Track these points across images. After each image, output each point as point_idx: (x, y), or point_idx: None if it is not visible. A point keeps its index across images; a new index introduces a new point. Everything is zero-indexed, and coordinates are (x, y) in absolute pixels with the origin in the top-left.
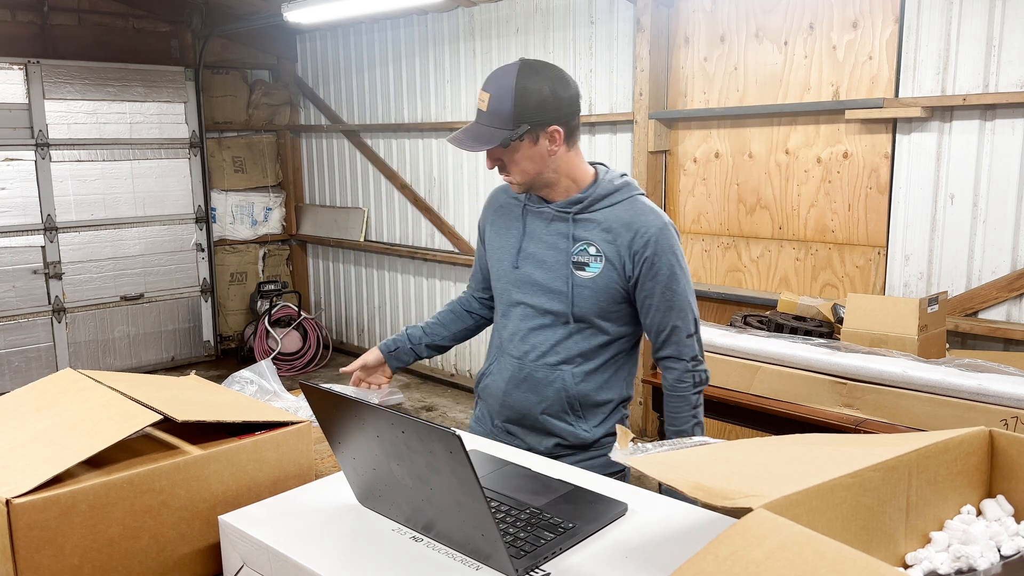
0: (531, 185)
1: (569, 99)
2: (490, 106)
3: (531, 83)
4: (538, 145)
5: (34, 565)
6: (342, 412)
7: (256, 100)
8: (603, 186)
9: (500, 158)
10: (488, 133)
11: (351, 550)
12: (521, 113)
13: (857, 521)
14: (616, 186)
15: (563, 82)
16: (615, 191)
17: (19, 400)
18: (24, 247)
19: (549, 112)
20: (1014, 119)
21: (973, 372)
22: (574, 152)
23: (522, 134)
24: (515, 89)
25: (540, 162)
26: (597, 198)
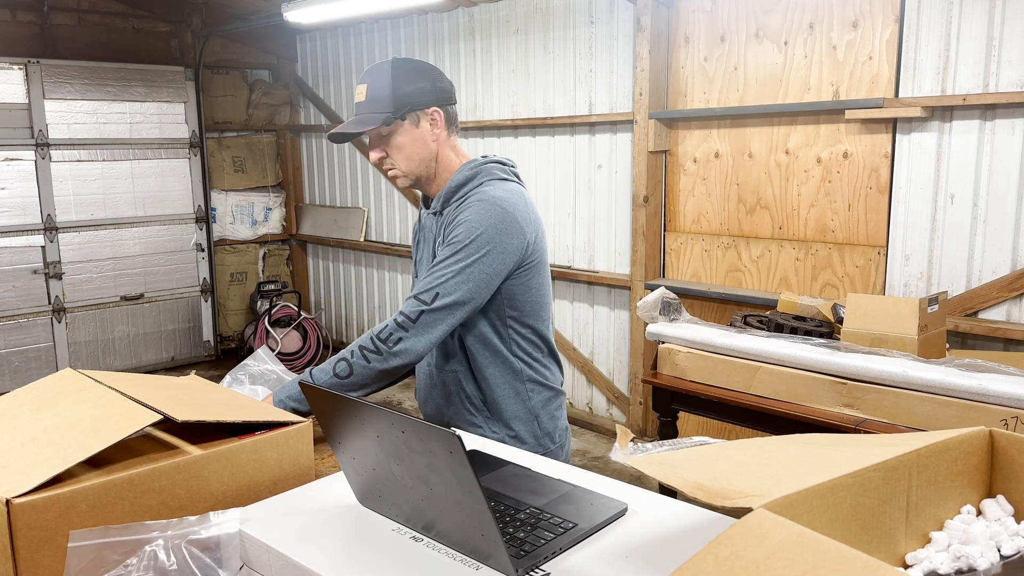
0: (416, 176)
1: (445, 87)
2: (368, 95)
3: (406, 72)
4: (420, 128)
5: (34, 565)
6: (342, 412)
7: (256, 100)
8: (457, 177)
9: (383, 148)
10: (369, 117)
11: (351, 550)
12: (400, 95)
13: (857, 521)
14: (468, 175)
15: (437, 75)
16: (468, 180)
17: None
18: (24, 247)
19: (428, 94)
20: (1014, 119)
21: (973, 372)
22: (453, 144)
23: (404, 113)
24: (392, 76)
25: (423, 147)
26: (452, 190)
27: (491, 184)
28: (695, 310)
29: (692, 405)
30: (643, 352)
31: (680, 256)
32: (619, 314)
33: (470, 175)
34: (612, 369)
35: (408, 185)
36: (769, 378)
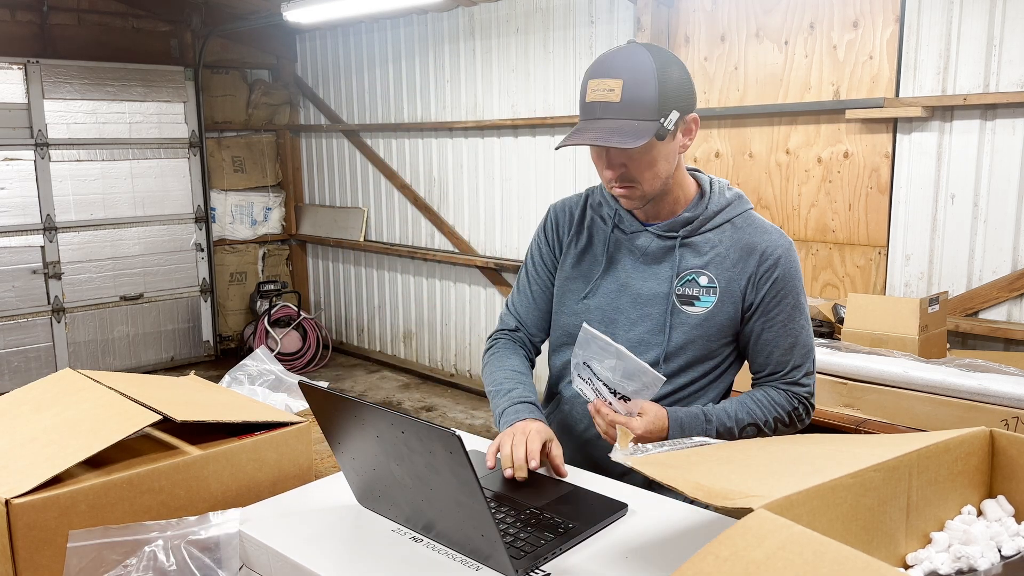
0: (653, 197)
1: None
2: (626, 95)
3: (670, 67)
4: (676, 140)
5: (34, 565)
6: (342, 412)
7: (256, 100)
8: (715, 200)
9: (626, 164)
10: (633, 127)
11: (351, 550)
12: (669, 98)
13: (857, 521)
14: (728, 200)
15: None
16: (727, 206)
17: (19, 400)
18: (23, 247)
19: (691, 98)
20: (1014, 119)
21: (974, 372)
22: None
23: (675, 122)
24: (657, 72)
25: (670, 161)
26: (710, 216)
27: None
28: None
29: None
30: None
31: None
32: None
33: (731, 200)
34: None
35: (637, 207)
36: None
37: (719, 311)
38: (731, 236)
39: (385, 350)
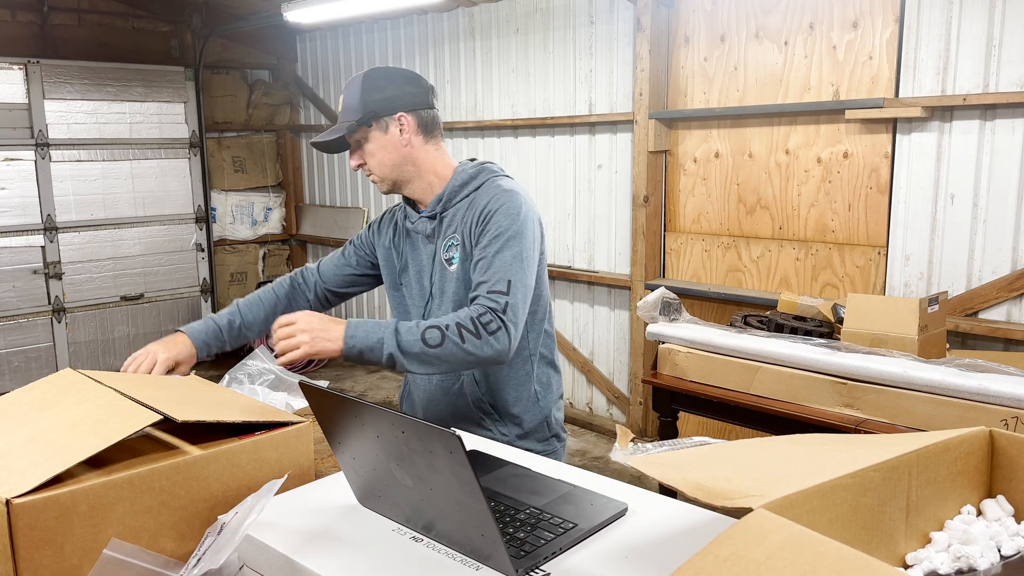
0: (393, 180)
1: (416, 92)
2: (343, 104)
3: (377, 80)
4: (388, 134)
5: (34, 565)
6: (342, 412)
7: (256, 100)
8: (458, 178)
9: (361, 156)
10: (340, 126)
11: (351, 550)
12: (367, 103)
13: (857, 521)
14: (470, 174)
15: (411, 78)
16: (470, 180)
17: (19, 400)
18: (24, 247)
19: (395, 100)
20: (1014, 119)
21: (973, 372)
22: (434, 147)
23: (368, 119)
24: (362, 84)
25: (395, 152)
26: (454, 190)
27: (499, 179)
28: (695, 310)
29: (692, 405)
30: (643, 352)
31: (680, 256)
32: (619, 314)
33: (473, 174)
34: (612, 369)
35: (386, 190)
36: (769, 378)
37: (464, 262)
38: (471, 201)
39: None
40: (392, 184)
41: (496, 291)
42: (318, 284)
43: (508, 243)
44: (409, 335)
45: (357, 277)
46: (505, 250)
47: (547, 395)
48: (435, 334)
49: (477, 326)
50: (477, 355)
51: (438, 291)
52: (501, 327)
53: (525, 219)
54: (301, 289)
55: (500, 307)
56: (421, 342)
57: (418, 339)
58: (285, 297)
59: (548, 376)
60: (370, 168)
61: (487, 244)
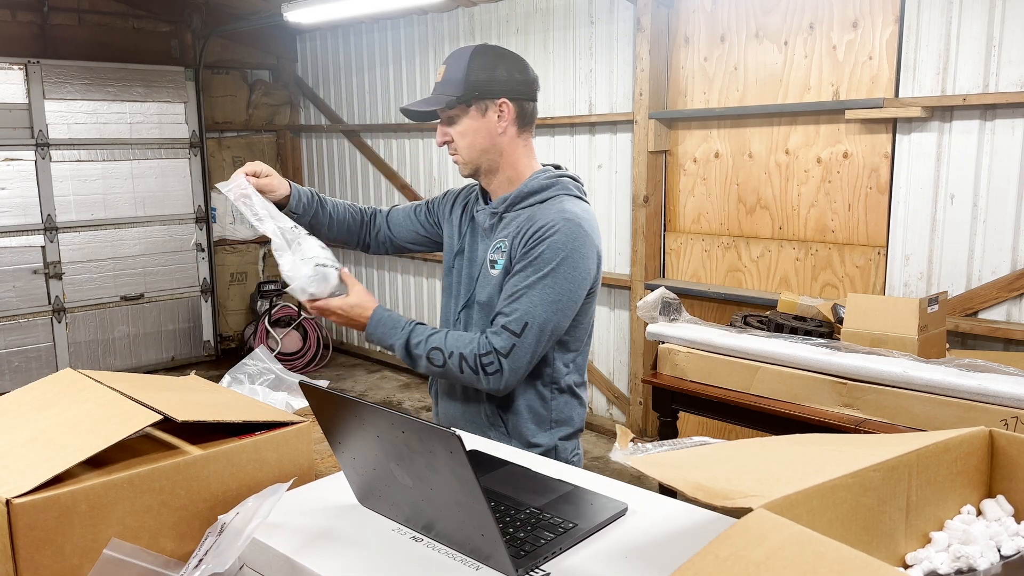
0: (477, 166)
1: (524, 81)
2: (444, 76)
3: (486, 58)
4: (486, 118)
5: (34, 565)
6: (342, 412)
7: (256, 100)
8: (531, 183)
9: (449, 132)
10: (436, 99)
11: (351, 550)
12: (471, 80)
13: (857, 521)
14: (544, 184)
15: (520, 65)
16: (543, 189)
17: (19, 400)
18: (24, 247)
19: (499, 84)
20: (1014, 119)
21: (973, 372)
22: (524, 142)
23: (469, 99)
24: (470, 59)
25: (487, 138)
26: (522, 195)
27: (570, 200)
28: (695, 310)
29: (692, 405)
30: (643, 352)
31: (680, 256)
32: (619, 314)
33: (546, 184)
34: (612, 369)
35: (467, 174)
36: (769, 378)
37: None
38: (532, 213)
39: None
40: (474, 169)
41: (510, 330)
42: (382, 230)
43: (544, 279)
44: (417, 349)
45: (420, 236)
46: (538, 287)
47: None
48: (438, 356)
49: (477, 364)
50: (472, 385)
51: (479, 292)
52: (499, 371)
53: (575, 254)
54: (368, 227)
55: (505, 349)
56: (425, 358)
57: (423, 355)
58: (358, 224)
59: (569, 408)
60: (457, 148)
61: (524, 271)
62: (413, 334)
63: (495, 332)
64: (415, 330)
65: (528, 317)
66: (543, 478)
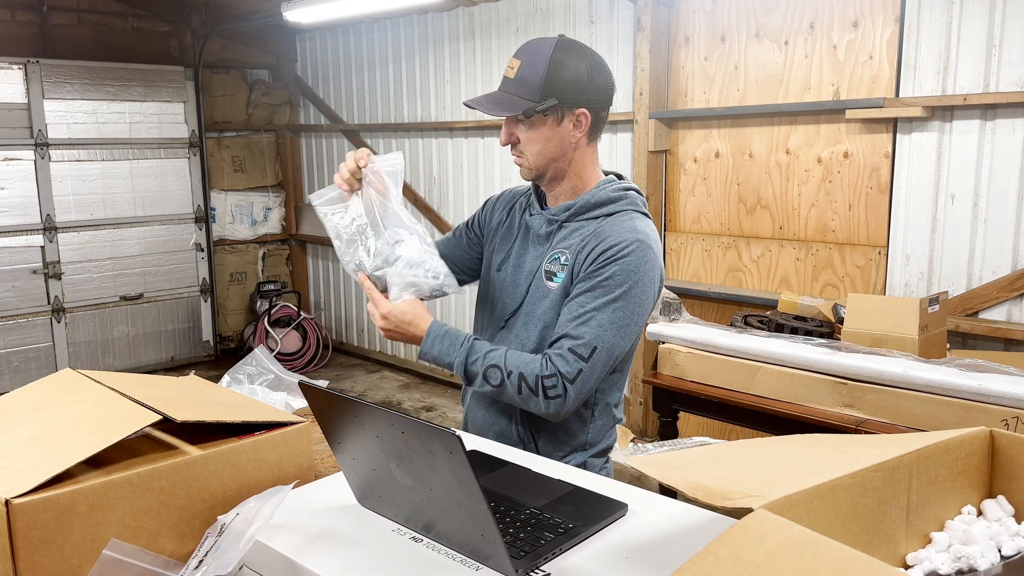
0: (542, 172)
1: (604, 86)
2: (519, 73)
3: (568, 58)
4: (561, 126)
5: (34, 565)
6: (342, 412)
7: (256, 100)
8: (598, 194)
9: (516, 134)
10: (511, 101)
11: (351, 550)
12: (552, 85)
13: (857, 521)
14: (612, 196)
15: (601, 68)
16: (610, 202)
17: (19, 400)
18: (23, 247)
19: (582, 92)
20: (1014, 119)
21: (974, 372)
22: (592, 150)
23: (547, 108)
24: (550, 59)
25: (559, 146)
26: (588, 206)
27: (640, 219)
28: (695, 310)
29: (692, 405)
30: (643, 352)
31: (680, 256)
32: None
33: (614, 197)
34: None
35: (530, 178)
36: (769, 378)
37: (566, 286)
38: (595, 226)
39: (385, 350)
40: (539, 175)
41: (577, 354)
42: None
43: (615, 303)
44: (474, 367)
45: (468, 260)
46: (607, 310)
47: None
48: (497, 375)
49: (539, 387)
50: (529, 408)
51: (530, 301)
52: (562, 395)
53: (645, 277)
54: None
55: (571, 375)
56: (482, 377)
57: (480, 373)
58: None
59: (607, 430)
60: (523, 152)
61: (593, 291)
62: (472, 351)
63: (560, 355)
64: (473, 346)
65: (597, 341)
66: (543, 478)
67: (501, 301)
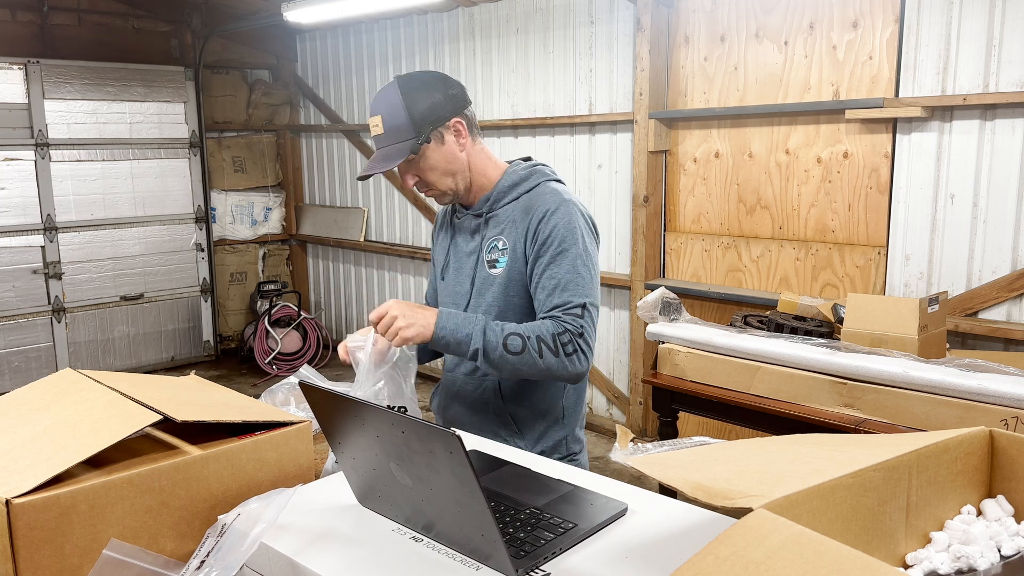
0: (456, 191)
1: (457, 94)
2: (385, 126)
3: (415, 89)
4: (445, 144)
5: (34, 565)
6: (342, 412)
7: (256, 100)
8: (508, 178)
9: (415, 173)
10: (396, 149)
11: (351, 550)
12: (419, 119)
13: (857, 521)
14: (522, 176)
15: (445, 81)
16: (521, 181)
17: (19, 400)
18: (24, 247)
19: (444, 107)
20: (1014, 119)
21: (973, 372)
22: (479, 147)
23: (427, 136)
24: (403, 101)
25: (454, 161)
26: (503, 191)
27: (554, 183)
28: (695, 310)
29: (692, 405)
30: (643, 352)
31: (680, 256)
32: (619, 314)
33: (524, 176)
34: (612, 369)
35: (448, 202)
36: (769, 378)
37: (511, 268)
38: (521, 204)
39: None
40: (453, 195)
41: (573, 313)
42: None
43: (576, 260)
44: (493, 337)
45: None
46: (574, 270)
47: (573, 415)
48: (517, 342)
49: (557, 344)
50: (552, 371)
51: (477, 293)
52: (577, 350)
53: (581, 227)
54: None
55: (577, 330)
56: (503, 347)
57: (500, 343)
58: None
59: (578, 395)
60: (430, 183)
61: (554, 262)
62: (488, 324)
63: (559, 318)
64: (488, 321)
65: (583, 297)
66: (543, 478)
67: (451, 304)
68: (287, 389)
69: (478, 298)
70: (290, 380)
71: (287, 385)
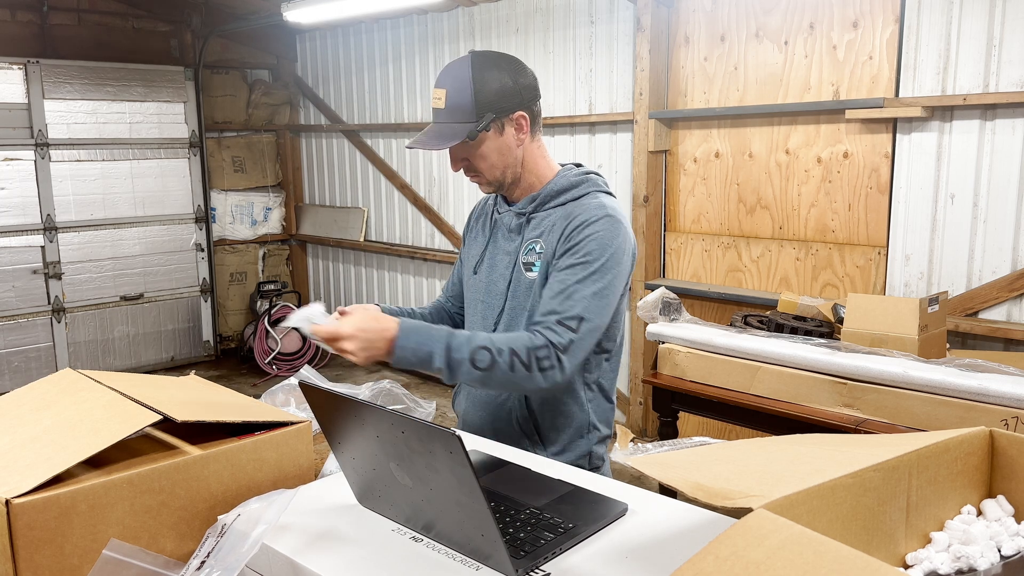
0: (501, 182)
1: (529, 85)
2: (448, 102)
3: (488, 72)
4: (504, 135)
5: (34, 565)
6: (342, 412)
7: (256, 100)
8: (559, 181)
9: (466, 157)
10: (452, 129)
11: (351, 550)
12: (483, 102)
13: (857, 521)
14: (573, 182)
15: (520, 69)
16: (571, 187)
17: (19, 400)
18: (24, 247)
19: (512, 98)
20: (1014, 119)
21: (973, 372)
22: (538, 144)
23: (488, 124)
24: (473, 80)
25: (508, 154)
26: (551, 194)
27: (605, 197)
28: (695, 310)
29: (692, 405)
30: (643, 352)
31: (680, 256)
32: None
33: (576, 182)
34: None
35: (491, 191)
36: (769, 378)
37: (544, 274)
38: (565, 210)
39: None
40: (498, 185)
41: (566, 325)
42: (453, 313)
43: (594, 275)
44: (459, 353)
45: None
46: (588, 282)
47: (595, 431)
48: (485, 357)
49: (531, 359)
50: (522, 386)
51: (513, 298)
52: (555, 366)
53: (619, 249)
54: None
55: (563, 344)
56: (469, 363)
57: (466, 358)
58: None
59: (602, 411)
60: (479, 171)
61: (571, 268)
62: (452, 336)
63: (548, 328)
64: (453, 334)
65: (584, 312)
66: (543, 478)
67: (485, 303)
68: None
69: (515, 301)
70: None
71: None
